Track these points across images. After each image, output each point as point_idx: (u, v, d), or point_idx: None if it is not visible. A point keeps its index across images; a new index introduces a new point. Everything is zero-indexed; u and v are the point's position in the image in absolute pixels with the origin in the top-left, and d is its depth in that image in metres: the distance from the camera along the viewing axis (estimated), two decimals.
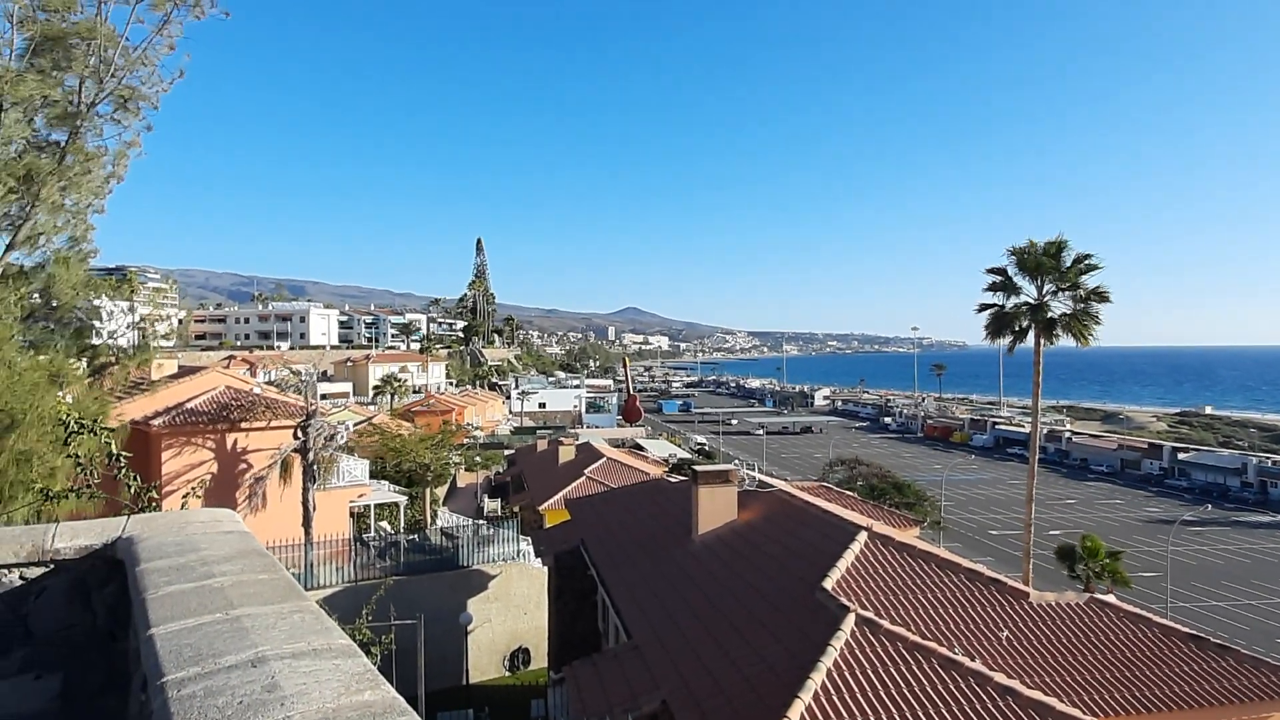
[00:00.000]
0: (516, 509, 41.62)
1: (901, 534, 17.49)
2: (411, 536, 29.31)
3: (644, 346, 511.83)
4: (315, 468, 26.55)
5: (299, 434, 26.75)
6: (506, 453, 66.45)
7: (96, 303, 12.99)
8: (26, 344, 11.13)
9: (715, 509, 18.55)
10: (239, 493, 25.71)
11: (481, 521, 33.13)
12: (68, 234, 11.61)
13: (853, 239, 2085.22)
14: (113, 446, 6.27)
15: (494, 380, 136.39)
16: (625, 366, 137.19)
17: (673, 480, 27.15)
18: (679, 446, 75.84)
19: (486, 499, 49.67)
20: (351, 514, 32.03)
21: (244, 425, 27.17)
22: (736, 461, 54.50)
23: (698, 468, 20.36)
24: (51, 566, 4.40)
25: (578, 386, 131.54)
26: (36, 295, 11.56)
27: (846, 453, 70.08)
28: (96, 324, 13.08)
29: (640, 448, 65.48)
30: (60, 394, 9.99)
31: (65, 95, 11.14)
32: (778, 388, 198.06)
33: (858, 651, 11.11)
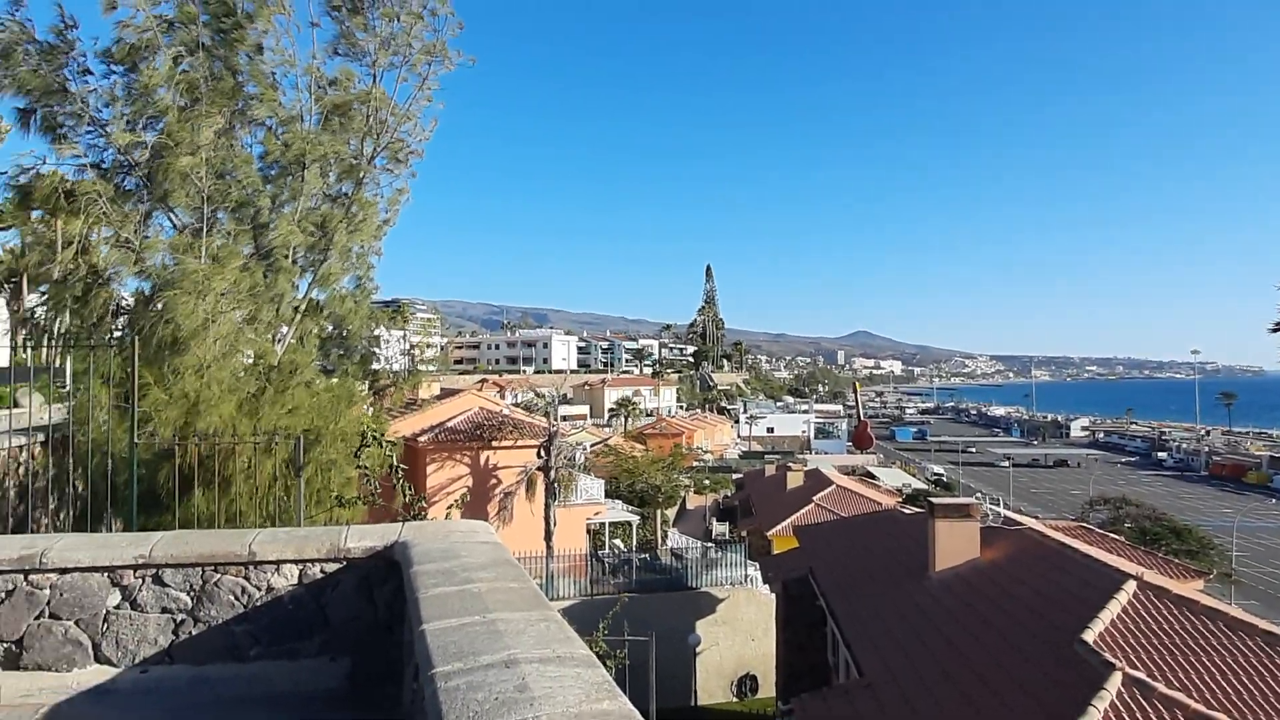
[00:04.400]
0: (744, 533, 41.55)
1: (1180, 586, 15.38)
2: (643, 555, 30.22)
3: (875, 371, 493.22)
4: (556, 485, 28.28)
5: (542, 453, 28.65)
6: (735, 476, 66.60)
7: (377, 332, 14.72)
8: (323, 369, 12.87)
9: (954, 545, 17.41)
10: (490, 506, 27.91)
11: (710, 544, 33.43)
12: (354, 273, 13.37)
13: (1118, 250, 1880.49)
14: (394, 460, 7.19)
15: (723, 404, 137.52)
16: (855, 391, 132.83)
17: (907, 512, 25.85)
18: (913, 476, 72.01)
19: (715, 522, 50.04)
20: (588, 530, 33.62)
21: (495, 443, 29.54)
22: (978, 495, 50.75)
23: (935, 499, 19.24)
24: (344, 564, 5.09)
25: (806, 411, 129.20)
26: (331, 327, 13.35)
27: (1111, 490, 62.64)
28: (377, 351, 14.77)
29: (871, 476, 62.98)
30: (351, 413, 11.44)
31: (350, 153, 12.84)
32: (1026, 416, 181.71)
33: (1125, 715, 9.90)
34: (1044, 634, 12.76)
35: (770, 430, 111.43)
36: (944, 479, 77.79)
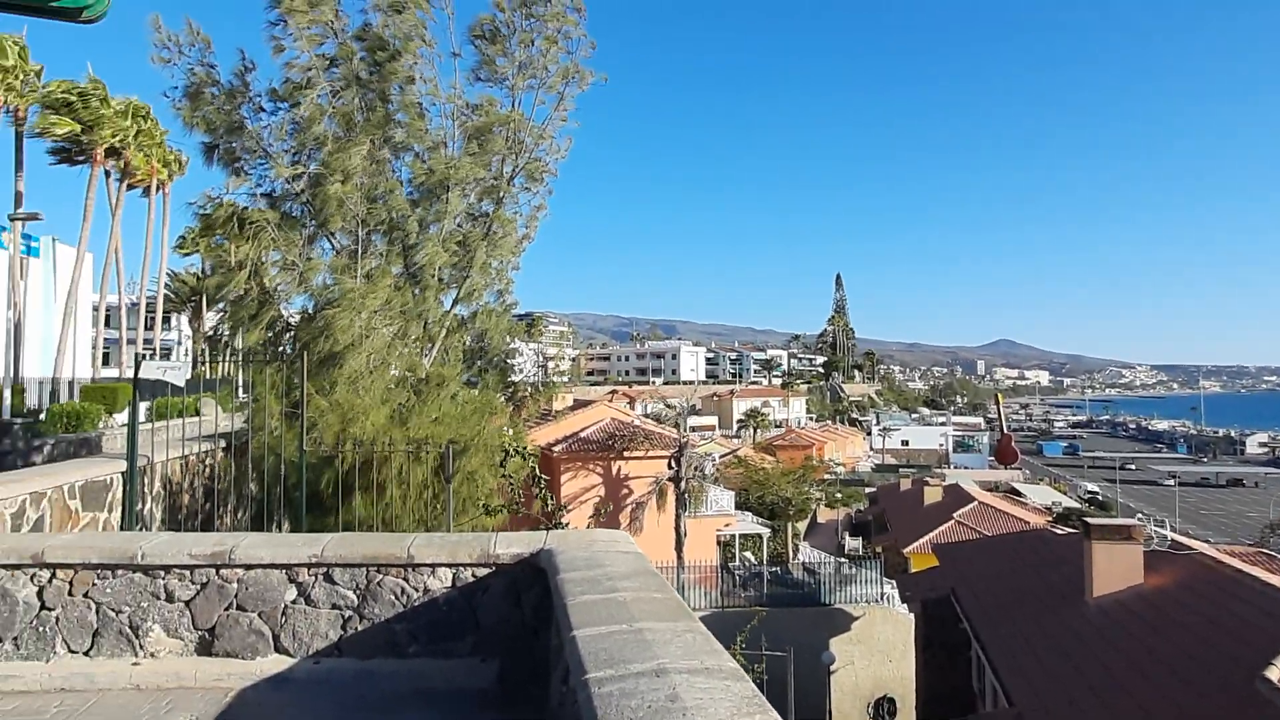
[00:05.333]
0: (879, 550, 40.24)
1: None
2: (774, 569, 29.81)
3: (1019, 382, 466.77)
4: (687, 496, 28.37)
5: (673, 463, 28.82)
6: (868, 490, 64.64)
7: (514, 346, 15.26)
8: (466, 381, 13.47)
9: (1114, 569, 16.20)
10: (622, 515, 28.31)
11: (843, 560, 32.59)
12: (495, 289, 13.93)
13: None
14: (535, 469, 7.46)
15: (854, 416, 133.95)
16: (998, 403, 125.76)
17: (1058, 532, 24.28)
18: (1064, 494, 67.53)
19: (848, 537, 48.74)
20: (718, 542, 33.50)
21: (627, 454, 29.96)
22: (1140, 515, 47.04)
23: (1090, 519, 17.99)
24: (494, 569, 5.32)
25: (943, 424, 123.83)
26: (473, 341, 13.96)
27: None
28: (514, 363, 15.31)
29: (1017, 493, 59.54)
30: (492, 423, 11.93)
31: (490, 174, 13.40)
32: (1193, 430, 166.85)
33: None
34: (1218, 669, 11.67)
35: (905, 443, 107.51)
36: (1099, 498, 72.54)
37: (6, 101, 25.39)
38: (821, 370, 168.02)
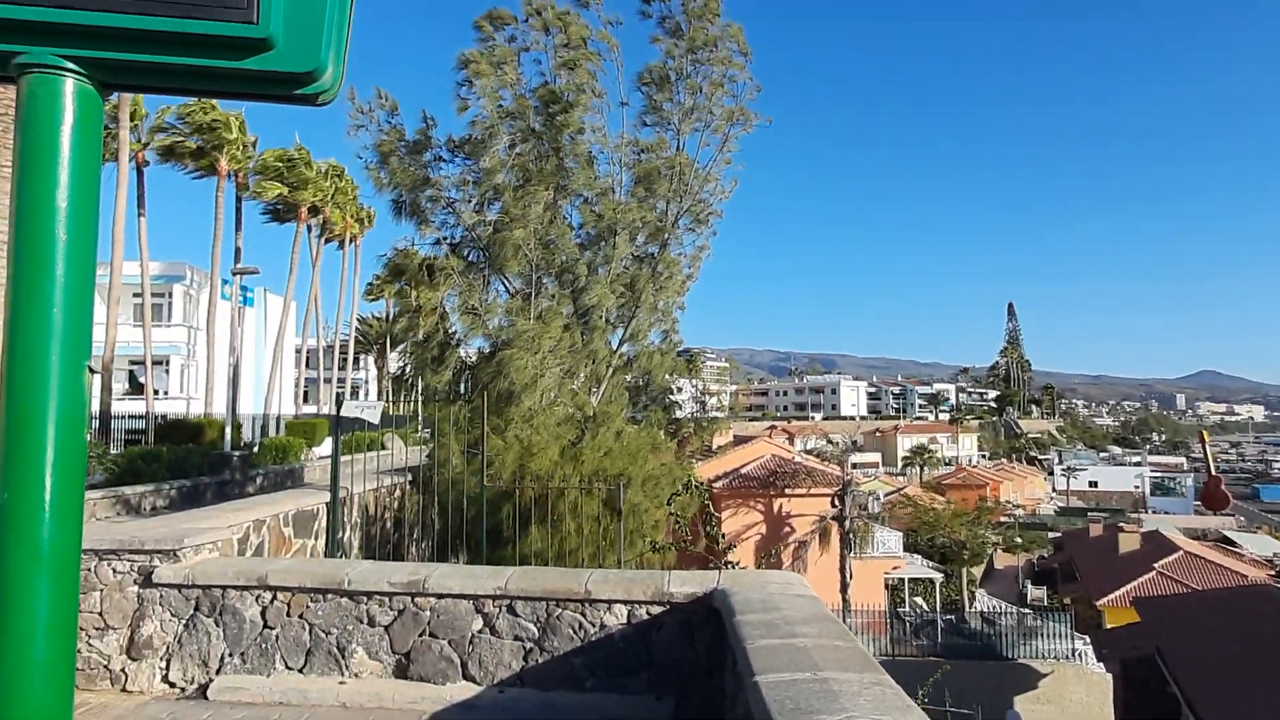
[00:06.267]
0: (1067, 600, 37.10)
1: None
2: (948, 617, 28.14)
3: (1227, 417, 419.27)
4: (852, 536, 27.41)
5: (836, 502, 27.97)
6: (1051, 535, 59.88)
7: (679, 383, 15.41)
8: (631, 419, 13.74)
9: None
10: (784, 554, 27.74)
11: (1026, 610, 30.30)
12: (660, 329, 14.20)
13: None
14: (704, 505, 7.47)
15: (1032, 454, 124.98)
16: (1203, 441, 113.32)
17: None
18: None
19: (1030, 585, 45.27)
20: (885, 585, 32.09)
21: (788, 491, 29.40)
22: None
23: None
24: (667, 607, 5.36)
25: (1138, 464, 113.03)
26: (638, 378, 14.25)
27: None
28: (677, 400, 15.45)
29: (1230, 542, 53.20)
30: (656, 459, 12.09)
31: (656, 216, 13.73)
32: None
33: None
34: None
35: (1093, 484, 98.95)
36: None
37: (230, 170, 28.80)
38: (994, 405, 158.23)
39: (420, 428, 16.17)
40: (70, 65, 1.33)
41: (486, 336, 12.54)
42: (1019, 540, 56.80)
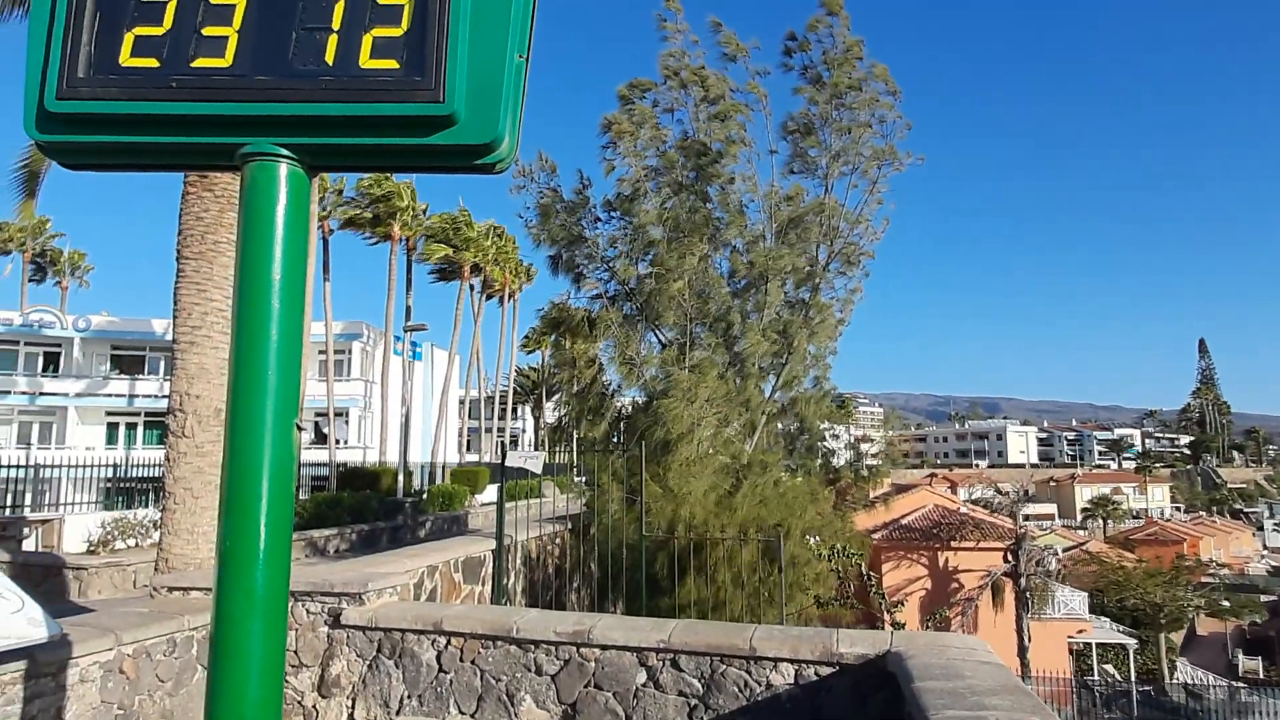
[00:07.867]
0: None
1: None
2: (1145, 688, 25.39)
3: None
4: (1028, 594, 25.39)
5: (1009, 556, 26.08)
6: (1265, 599, 53.08)
7: (835, 431, 15.01)
8: (787, 467, 13.47)
9: None
10: (951, 612, 26.08)
11: (1238, 684, 26.90)
12: (813, 374, 13.93)
13: None
14: (864, 560, 7.20)
15: (1236, 506, 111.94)
16: None
17: None
18: None
19: (1242, 655, 40.26)
20: (1070, 650, 29.43)
21: (954, 544, 27.75)
22: None
23: None
24: (837, 668, 5.12)
25: None
26: (792, 425, 13.99)
27: None
28: (834, 448, 15.04)
29: None
30: (815, 510, 11.76)
31: (806, 261, 13.58)
32: None
33: None
34: None
35: None
36: None
37: (401, 235, 31.13)
38: (1187, 451, 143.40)
39: (576, 475, 16.57)
40: (285, 152, 1.48)
41: (641, 387, 12.73)
42: (1226, 603, 50.65)
